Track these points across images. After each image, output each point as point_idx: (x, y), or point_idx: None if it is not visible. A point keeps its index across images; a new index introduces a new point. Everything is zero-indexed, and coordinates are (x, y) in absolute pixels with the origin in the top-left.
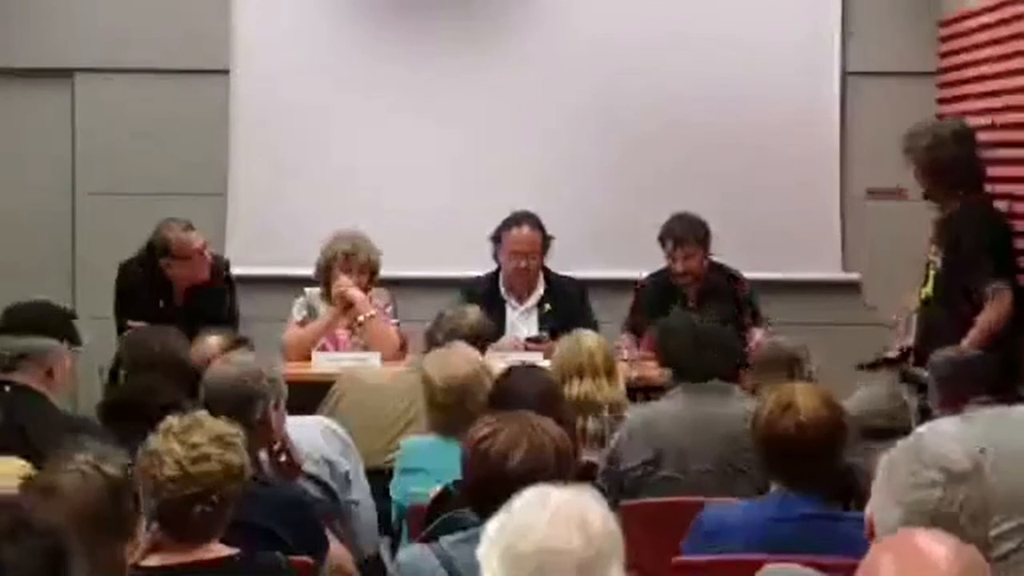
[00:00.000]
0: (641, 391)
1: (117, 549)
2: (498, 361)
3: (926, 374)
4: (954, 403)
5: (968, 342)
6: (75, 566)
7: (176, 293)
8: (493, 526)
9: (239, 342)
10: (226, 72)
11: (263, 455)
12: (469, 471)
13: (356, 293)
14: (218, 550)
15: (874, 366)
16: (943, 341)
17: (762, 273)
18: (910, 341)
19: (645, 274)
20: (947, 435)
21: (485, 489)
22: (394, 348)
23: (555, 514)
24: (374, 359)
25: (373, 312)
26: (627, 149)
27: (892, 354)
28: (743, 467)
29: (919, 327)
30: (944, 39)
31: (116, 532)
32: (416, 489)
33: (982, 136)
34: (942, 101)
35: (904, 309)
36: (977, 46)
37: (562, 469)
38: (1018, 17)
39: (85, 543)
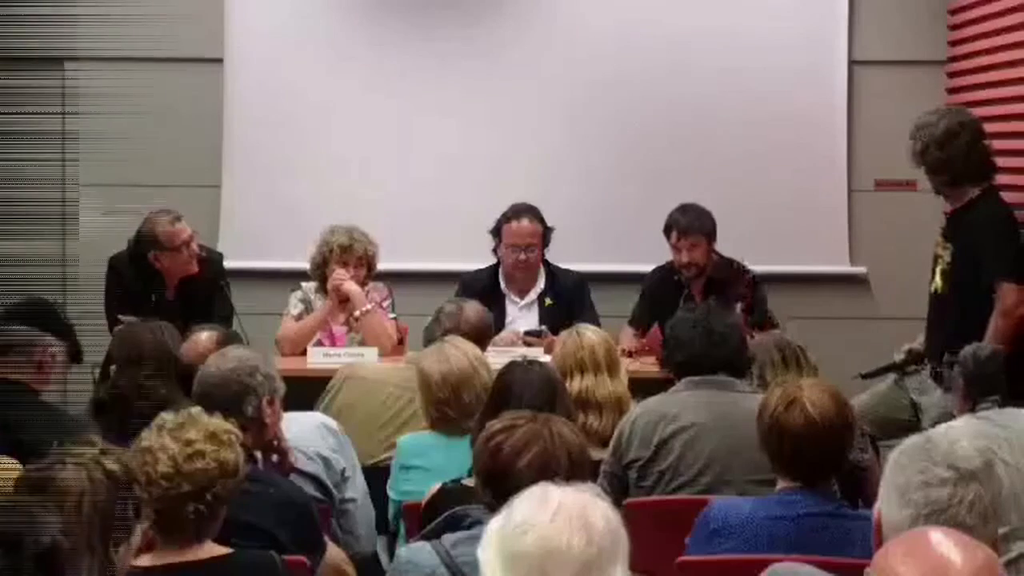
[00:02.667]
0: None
1: (115, 548)
2: (498, 357)
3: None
4: (971, 402)
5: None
6: (69, 569)
7: (167, 286)
8: (494, 524)
9: (229, 337)
10: (220, 61)
11: (258, 453)
12: (478, 463)
13: (352, 287)
14: (211, 549)
15: (875, 374)
16: (954, 337)
17: (768, 266)
18: (917, 345)
19: (651, 268)
20: (957, 432)
21: (492, 484)
22: (392, 343)
23: (556, 513)
24: (371, 354)
25: (370, 306)
26: (630, 140)
27: (898, 357)
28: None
29: (929, 323)
30: (953, 27)
31: (115, 531)
32: (414, 487)
33: (992, 127)
34: (951, 90)
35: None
36: (987, 34)
37: (572, 479)
38: None
39: (84, 542)
